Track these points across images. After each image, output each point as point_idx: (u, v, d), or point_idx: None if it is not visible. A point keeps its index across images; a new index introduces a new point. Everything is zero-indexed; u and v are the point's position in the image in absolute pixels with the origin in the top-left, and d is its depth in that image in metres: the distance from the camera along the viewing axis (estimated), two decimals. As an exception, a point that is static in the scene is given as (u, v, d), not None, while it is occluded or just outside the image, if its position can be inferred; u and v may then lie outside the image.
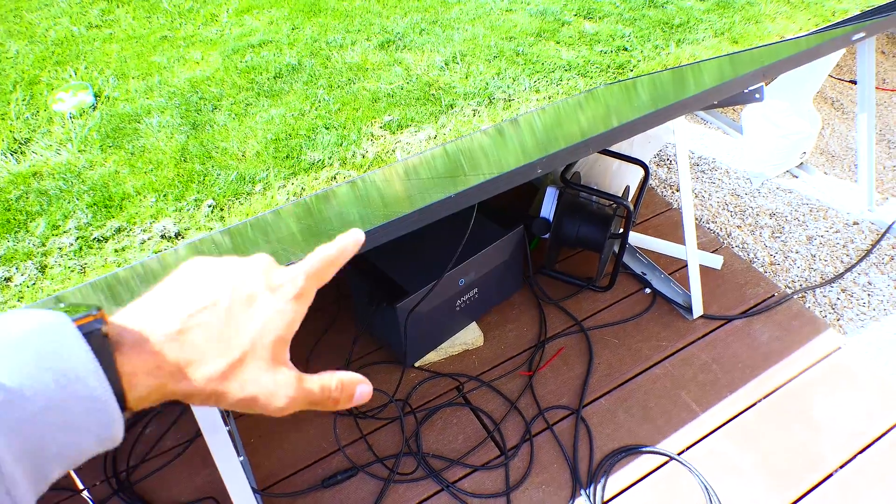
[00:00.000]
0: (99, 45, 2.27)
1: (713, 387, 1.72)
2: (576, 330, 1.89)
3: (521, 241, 1.85)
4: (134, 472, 1.60)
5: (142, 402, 0.35)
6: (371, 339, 1.88)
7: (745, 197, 2.43)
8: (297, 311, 0.41)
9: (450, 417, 1.69)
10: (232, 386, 0.37)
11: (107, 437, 0.33)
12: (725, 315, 1.90)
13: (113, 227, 1.51)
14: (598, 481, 1.54)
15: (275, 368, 0.39)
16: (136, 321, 0.36)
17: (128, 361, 0.34)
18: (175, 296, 0.38)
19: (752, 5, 2.58)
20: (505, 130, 1.95)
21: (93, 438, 0.32)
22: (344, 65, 2.12)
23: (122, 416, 0.33)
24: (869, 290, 2.04)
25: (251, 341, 0.38)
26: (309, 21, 2.39)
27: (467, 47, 2.19)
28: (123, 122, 1.88)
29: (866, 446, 1.58)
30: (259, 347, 0.38)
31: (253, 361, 0.38)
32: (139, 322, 0.36)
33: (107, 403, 0.32)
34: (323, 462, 1.61)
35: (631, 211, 1.82)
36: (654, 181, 2.49)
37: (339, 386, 0.42)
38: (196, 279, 0.39)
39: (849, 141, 2.71)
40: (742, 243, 2.22)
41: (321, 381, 0.41)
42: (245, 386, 0.38)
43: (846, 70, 3.11)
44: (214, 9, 2.51)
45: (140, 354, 0.34)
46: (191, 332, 0.36)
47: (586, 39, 2.28)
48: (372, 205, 1.49)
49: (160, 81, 2.08)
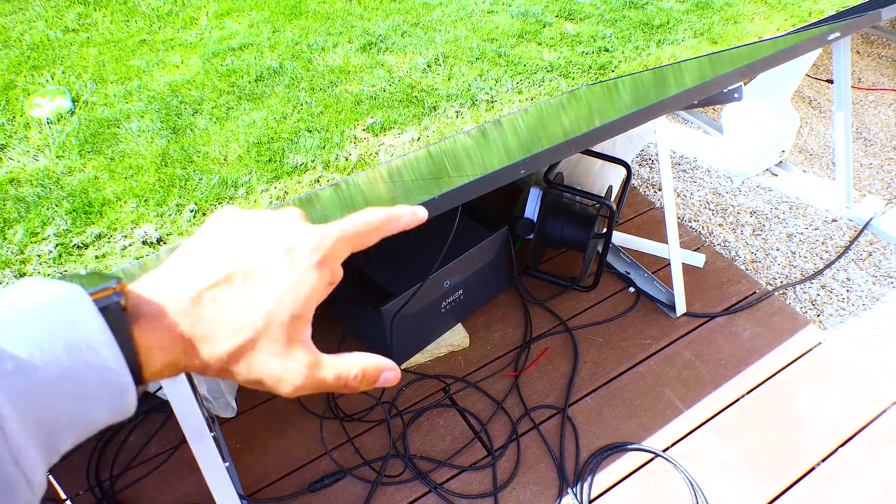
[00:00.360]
0: (76, 50, 2.24)
1: (697, 384, 1.74)
2: (561, 330, 1.90)
3: (506, 242, 1.85)
4: (118, 480, 1.58)
5: (157, 376, 0.34)
6: (357, 342, 1.88)
7: (725, 195, 2.46)
8: (318, 283, 0.37)
9: (436, 419, 1.69)
10: (240, 367, 0.36)
11: (120, 408, 0.32)
12: (708, 313, 1.92)
13: (93, 233, 1.49)
14: (585, 479, 1.54)
15: (288, 352, 0.36)
16: (155, 292, 0.34)
17: (144, 335, 0.33)
18: (194, 264, 0.36)
19: (731, 6, 2.61)
20: (488, 132, 1.96)
21: (106, 408, 0.31)
22: (326, 67, 2.11)
23: (135, 386, 0.32)
24: (848, 285, 2.07)
25: (265, 320, 0.35)
26: (290, 24, 2.38)
27: (449, 49, 2.19)
28: (102, 127, 1.85)
29: (847, 439, 1.60)
30: (273, 328, 0.36)
31: (265, 344, 0.36)
32: (157, 293, 0.34)
33: (120, 374, 0.31)
34: (310, 466, 1.60)
35: (614, 211, 1.83)
36: (636, 181, 2.51)
37: (360, 376, 0.39)
38: (216, 243, 0.37)
39: (826, 139, 2.75)
40: (724, 241, 2.25)
41: (337, 370, 0.38)
42: (252, 369, 0.36)
43: (823, 70, 3.16)
44: (194, 12, 2.49)
45: (156, 329, 0.33)
46: (205, 307, 0.35)
47: (568, 40, 2.29)
48: (356, 207, 1.49)
49: (139, 86, 2.05)
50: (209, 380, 1.55)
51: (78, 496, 1.55)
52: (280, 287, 0.36)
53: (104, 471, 1.60)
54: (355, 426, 1.68)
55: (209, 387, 1.57)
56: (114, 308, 0.32)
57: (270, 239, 0.37)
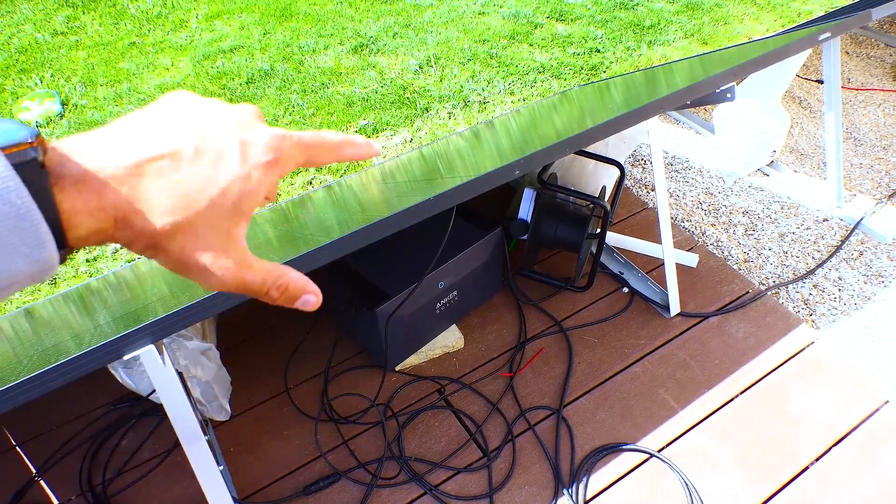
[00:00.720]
0: (65, 53, 2.23)
1: (691, 383, 1.74)
2: (555, 330, 1.90)
3: (500, 243, 1.85)
4: (110, 485, 1.57)
5: (82, 242, 0.32)
6: (351, 344, 1.87)
7: (718, 195, 2.46)
8: (265, 184, 0.36)
9: (432, 420, 1.68)
10: (172, 247, 0.34)
11: (40, 259, 0.30)
12: (702, 312, 1.93)
13: (84, 236, 1.48)
14: (581, 480, 1.54)
15: (223, 245, 0.35)
16: (85, 155, 0.32)
17: (67, 198, 0.31)
18: (138, 132, 0.34)
19: (721, 7, 2.63)
20: (481, 133, 1.95)
21: (24, 260, 0.29)
22: (317, 69, 2.11)
23: (54, 242, 0.30)
24: (840, 285, 2.08)
25: (207, 205, 0.34)
26: (281, 26, 2.37)
27: (441, 50, 2.19)
28: (92, 130, 1.84)
29: (841, 438, 1.60)
30: (214, 215, 0.34)
31: (204, 230, 0.34)
32: (87, 155, 0.32)
33: (33, 221, 0.29)
34: (304, 469, 1.59)
35: (608, 211, 1.83)
36: (629, 181, 2.51)
37: (284, 286, 0.38)
38: (167, 118, 0.35)
39: (817, 139, 2.76)
40: (716, 241, 2.25)
41: (265, 277, 0.37)
42: (184, 251, 0.34)
43: (812, 70, 3.18)
44: (183, 14, 2.48)
45: (81, 192, 0.31)
46: (144, 178, 0.33)
47: (559, 41, 2.30)
48: (349, 209, 1.48)
49: (129, 88, 2.04)
50: (203, 383, 1.54)
51: (70, 501, 1.54)
52: (228, 176, 0.35)
53: (97, 475, 1.59)
54: (350, 428, 1.67)
55: (203, 390, 1.56)
56: (31, 164, 0.29)
57: (225, 126, 0.36)
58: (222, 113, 0.37)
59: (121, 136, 0.34)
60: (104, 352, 0.87)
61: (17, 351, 1.14)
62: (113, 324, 1.04)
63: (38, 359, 0.95)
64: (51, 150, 0.31)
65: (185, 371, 1.47)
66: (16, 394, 0.82)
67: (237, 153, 0.35)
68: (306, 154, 0.39)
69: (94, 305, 1.36)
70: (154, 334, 0.91)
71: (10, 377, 0.86)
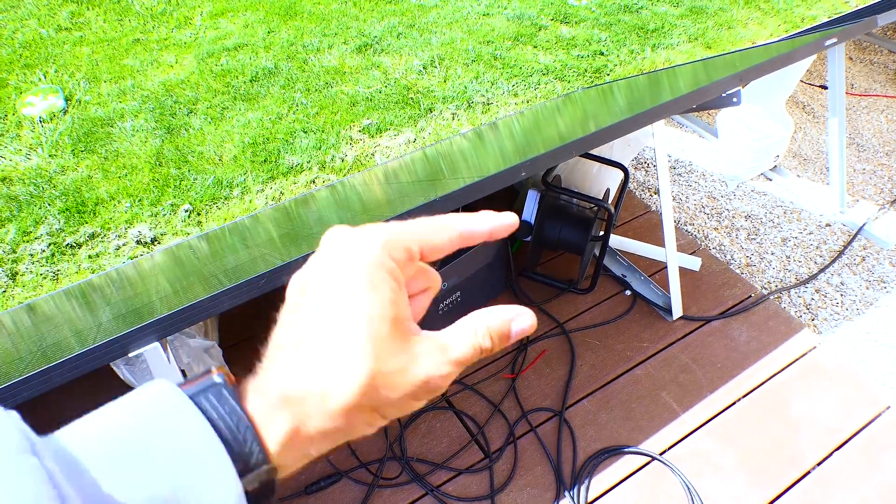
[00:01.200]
0: (69, 48, 2.23)
1: (693, 387, 1.74)
2: (558, 332, 1.89)
3: (503, 245, 1.85)
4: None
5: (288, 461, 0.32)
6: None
7: (721, 199, 2.46)
8: (387, 292, 0.32)
9: (433, 421, 1.68)
10: (381, 398, 0.31)
11: None
12: (704, 316, 1.92)
13: (86, 232, 1.48)
14: (582, 482, 1.54)
15: (411, 351, 0.32)
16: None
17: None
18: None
19: (725, 11, 2.63)
20: (485, 134, 1.95)
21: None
22: (321, 68, 2.10)
23: None
24: (842, 290, 2.08)
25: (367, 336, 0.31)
26: (285, 24, 2.37)
27: (445, 51, 2.19)
28: (96, 126, 1.84)
29: (843, 442, 1.60)
30: (380, 339, 0.31)
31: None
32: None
33: None
34: (305, 468, 1.59)
35: (611, 213, 1.83)
36: (632, 184, 2.51)
37: (492, 337, 0.34)
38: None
39: (820, 144, 2.76)
40: (719, 245, 2.25)
41: (467, 341, 0.33)
42: (396, 388, 0.31)
43: (816, 75, 3.18)
44: (188, 12, 2.47)
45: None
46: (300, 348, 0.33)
47: (563, 44, 2.30)
48: (352, 209, 1.48)
49: (133, 85, 2.04)
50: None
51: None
52: (358, 307, 0.32)
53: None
54: (351, 429, 1.67)
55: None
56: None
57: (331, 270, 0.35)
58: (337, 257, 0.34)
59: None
60: (110, 348, 0.87)
61: (19, 347, 1.14)
62: (117, 321, 1.04)
63: (41, 355, 0.95)
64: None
65: (188, 369, 1.46)
66: (20, 390, 0.81)
67: (348, 285, 0.33)
68: (402, 248, 0.35)
69: (97, 302, 1.36)
70: (159, 332, 0.91)
71: (13, 373, 0.86)
